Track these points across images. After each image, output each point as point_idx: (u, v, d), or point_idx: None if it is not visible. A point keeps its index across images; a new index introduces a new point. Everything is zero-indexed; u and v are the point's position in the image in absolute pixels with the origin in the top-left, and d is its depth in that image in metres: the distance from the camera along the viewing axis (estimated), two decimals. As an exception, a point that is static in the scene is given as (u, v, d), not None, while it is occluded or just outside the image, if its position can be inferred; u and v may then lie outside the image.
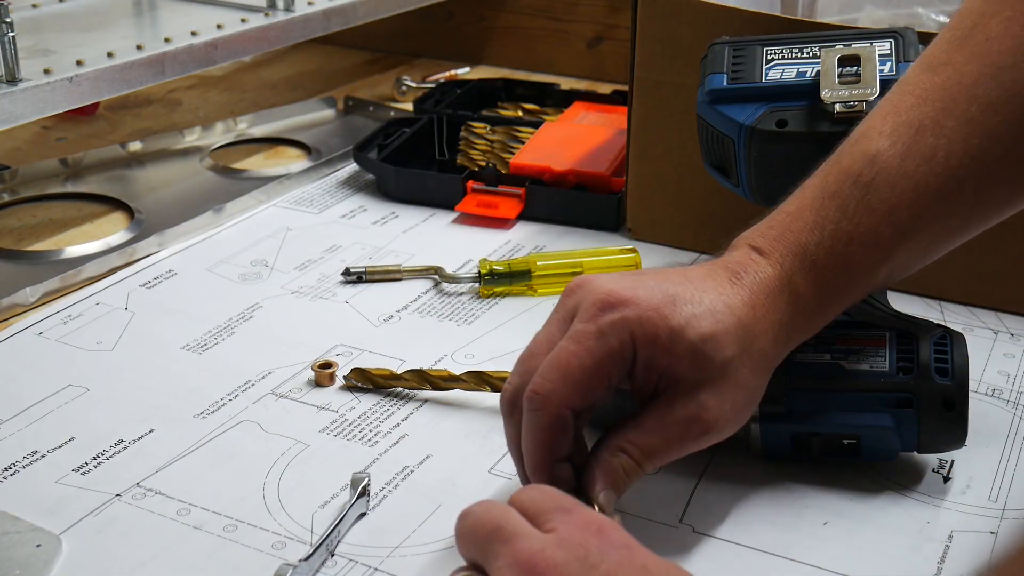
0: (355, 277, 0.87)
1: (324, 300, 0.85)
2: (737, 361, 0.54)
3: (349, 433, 0.68)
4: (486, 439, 0.68)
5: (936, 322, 0.64)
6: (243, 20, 1.03)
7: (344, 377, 0.73)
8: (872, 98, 0.66)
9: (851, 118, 0.65)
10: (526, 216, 0.98)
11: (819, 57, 0.70)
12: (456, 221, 0.98)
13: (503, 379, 0.71)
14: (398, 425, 0.69)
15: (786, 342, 0.57)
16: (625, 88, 0.95)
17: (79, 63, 0.89)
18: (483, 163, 1.04)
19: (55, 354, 0.77)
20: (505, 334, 0.80)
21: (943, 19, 0.95)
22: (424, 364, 0.75)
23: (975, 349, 0.70)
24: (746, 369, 0.55)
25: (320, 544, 0.57)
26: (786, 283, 0.56)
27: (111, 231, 0.95)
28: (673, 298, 0.54)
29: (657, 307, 0.53)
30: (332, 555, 0.58)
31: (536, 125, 1.09)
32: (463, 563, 0.49)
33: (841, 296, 0.58)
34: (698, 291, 0.55)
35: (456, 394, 0.72)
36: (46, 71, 0.86)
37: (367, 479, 0.61)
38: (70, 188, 1.04)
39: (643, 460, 0.54)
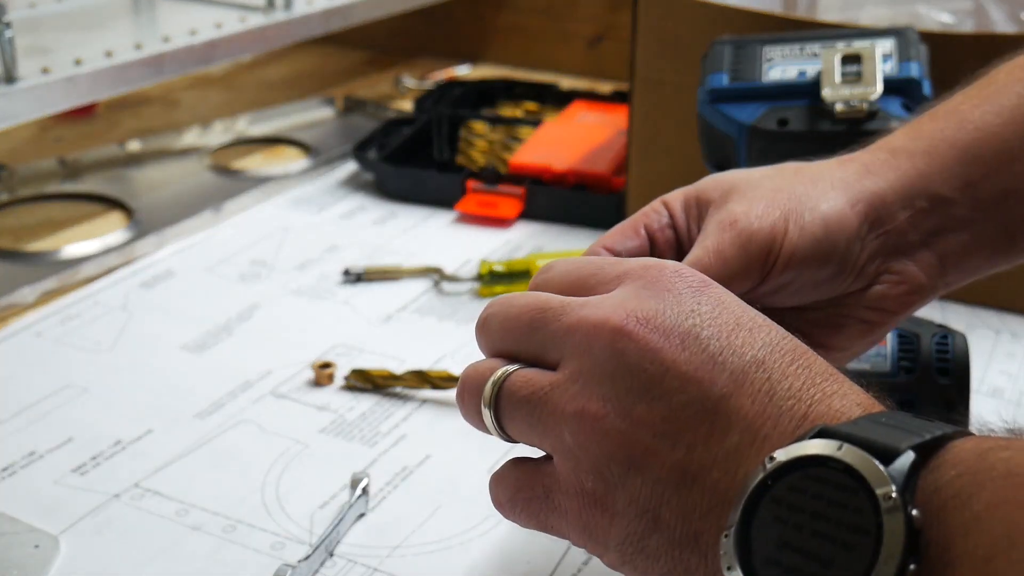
0: (354, 277, 0.87)
1: (323, 300, 0.85)
2: (773, 179, 0.51)
3: (349, 433, 0.68)
4: (486, 439, 0.67)
5: (937, 322, 0.64)
6: (242, 19, 1.03)
7: (344, 377, 0.73)
8: (873, 97, 0.66)
9: (852, 117, 0.65)
10: (526, 216, 0.98)
11: (820, 56, 0.70)
12: (456, 221, 0.98)
13: (503, 379, 0.71)
14: (397, 425, 0.69)
15: (861, 169, 0.51)
16: (625, 87, 0.94)
17: (77, 62, 0.89)
18: (483, 163, 1.04)
19: (53, 354, 0.76)
20: (505, 334, 0.79)
21: (944, 18, 0.95)
22: (424, 364, 0.75)
23: (976, 349, 0.70)
24: (786, 181, 0.50)
25: (319, 544, 0.57)
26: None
27: (109, 231, 0.95)
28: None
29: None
30: (331, 555, 0.58)
31: (536, 124, 1.08)
32: (463, 562, 0.48)
33: (932, 130, 0.52)
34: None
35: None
36: (44, 70, 0.86)
37: (367, 479, 0.61)
38: (68, 188, 1.04)
39: None
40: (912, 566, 0.32)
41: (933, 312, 0.80)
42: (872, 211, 0.50)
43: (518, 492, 0.43)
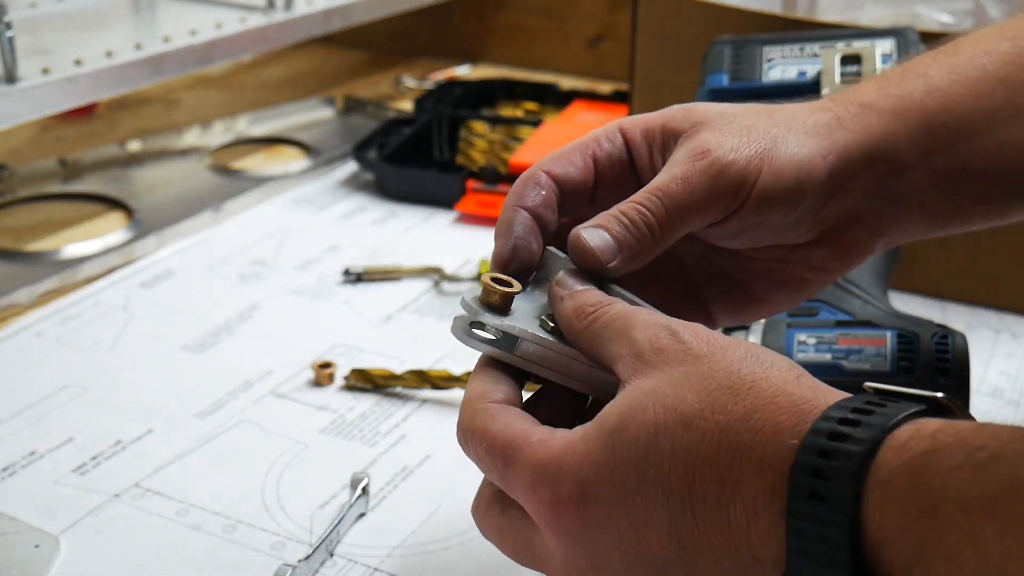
0: (354, 277, 0.87)
1: (323, 300, 0.85)
2: (746, 116, 0.49)
3: (349, 433, 0.68)
4: (486, 439, 0.68)
5: (937, 322, 0.64)
6: (242, 19, 1.03)
7: (344, 377, 0.73)
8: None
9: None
10: (526, 216, 0.97)
11: (820, 56, 0.70)
12: (456, 221, 0.98)
13: (503, 379, 0.71)
14: (397, 425, 0.69)
15: (833, 120, 0.50)
16: (625, 87, 0.94)
17: (78, 62, 0.89)
18: (483, 163, 1.04)
19: (53, 354, 0.76)
20: (505, 334, 0.79)
21: (944, 18, 0.95)
22: (424, 364, 0.75)
23: (976, 349, 0.70)
24: (759, 121, 0.49)
25: (319, 544, 0.57)
26: (827, 97, 0.52)
27: (110, 231, 0.95)
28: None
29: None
30: (331, 555, 0.58)
31: (536, 124, 1.08)
32: (463, 562, 0.49)
33: (902, 90, 0.51)
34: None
35: (456, 394, 0.72)
36: (45, 70, 0.86)
37: (367, 479, 0.61)
38: (69, 188, 1.04)
39: (648, 200, 0.47)
40: None
41: (933, 312, 0.80)
42: (839, 164, 0.49)
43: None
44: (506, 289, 0.45)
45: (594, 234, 0.46)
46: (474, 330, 0.45)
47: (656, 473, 0.39)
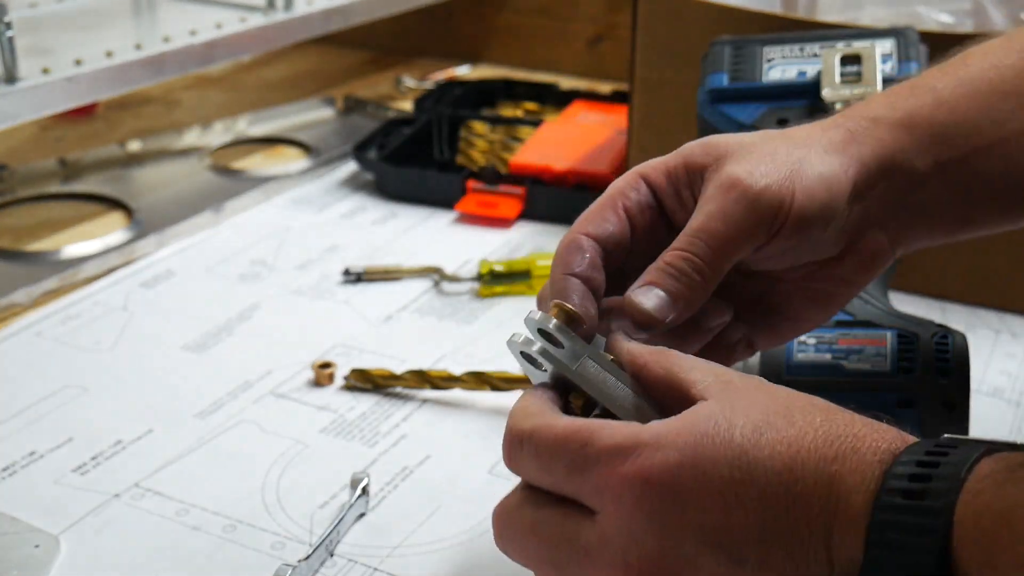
0: (354, 277, 0.87)
1: (324, 300, 0.85)
2: (770, 143, 0.50)
3: (349, 433, 0.68)
4: (486, 439, 0.68)
5: (937, 322, 0.64)
6: (242, 19, 1.03)
7: (344, 377, 0.73)
8: (873, 97, 0.66)
9: (852, 117, 0.65)
10: (526, 216, 0.98)
11: (820, 56, 0.70)
12: (456, 221, 0.98)
13: (503, 379, 0.71)
14: (398, 425, 0.69)
15: (847, 136, 0.51)
16: (625, 87, 0.94)
17: (78, 62, 0.89)
18: (483, 163, 1.04)
19: (53, 354, 0.76)
20: (505, 334, 0.79)
21: (944, 18, 0.95)
22: (424, 364, 0.75)
23: (976, 349, 0.70)
24: (784, 146, 0.50)
25: (319, 544, 0.57)
26: (839, 113, 0.53)
27: (110, 231, 0.95)
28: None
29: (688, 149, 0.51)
30: (331, 555, 0.58)
31: (536, 124, 1.08)
32: (463, 562, 0.48)
33: (913, 106, 0.52)
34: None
35: (456, 394, 0.72)
36: (45, 70, 0.86)
37: (367, 479, 0.61)
38: (69, 188, 1.03)
39: (690, 244, 0.47)
40: None
41: (933, 312, 0.80)
42: (859, 177, 0.50)
43: None
44: (573, 310, 0.46)
45: (648, 295, 0.47)
46: (540, 343, 0.46)
47: (758, 455, 0.40)
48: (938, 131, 0.52)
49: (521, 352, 0.47)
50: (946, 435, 0.40)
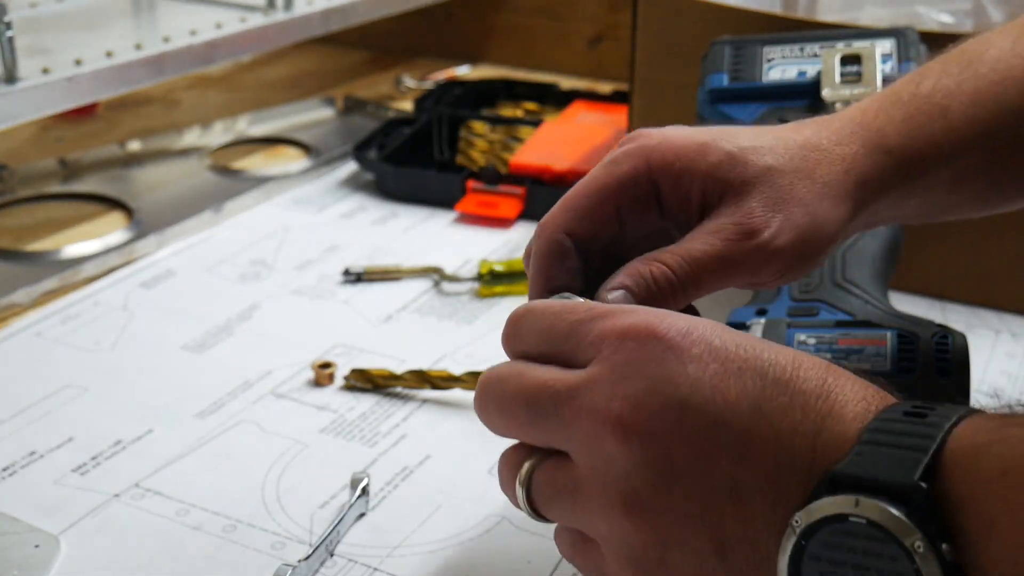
0: (354, 277, 0.87)
1: (323, 300, 0.85)
2: (790, 175, 0.49)
3: (349, 433, 0.68)
4: (486, 439, 0.67)
5: (937, 322, 0.64)
6: (242, 19, 1.03)
7: (344, 377, 0.73)
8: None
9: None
10: (526, 216, 0.98)
11: (820, 56, 0.70)
12: (456, 221, 0.98)
13: (503, 379, 0.71)
14: (398, 425, 0.69)
15: (862, 177, 0.51)
16: (625, 87, 0.94)
17: (78, 62, 0.89)
18: (483, 163, 1.04)
19: (53, 354, 0.76)
20: (505, 334, 0.79)
21: (944, 18, 0.95)
22: (424, 364, 0.75)
23: (976, 349, 0.70)
24: (804, 188, 0.49)
25: (319, 544, 0.57)
26: (859, 122, 0.52)
27: (110, 231, 0.95)
28: (707, 130, 0.50)
29: (684, 134, 0.50)
30: (331, 555, 0.58)
31: (536, 124, 1.08)
32: (463, 562, 0.48)
33: (929, 133, 0.52)
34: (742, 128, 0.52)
35: (456, 394, 0.72)
36: (45, 70, 0.86)
37: (367, 479, 0.61)
38: (69, 188, 1.04)
39: (679, 267, 0.47)
40: None
41: (933, 312, 0.80)
42: (857, 219, 0.51)
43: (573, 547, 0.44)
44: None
45: (618, 299, 0.46)
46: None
47: (764, 346, 0.40)
48: (944, 162, 0.52)
49: None
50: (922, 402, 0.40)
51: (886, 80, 0.66)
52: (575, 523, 0.43)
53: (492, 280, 0.85)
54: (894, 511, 0.34)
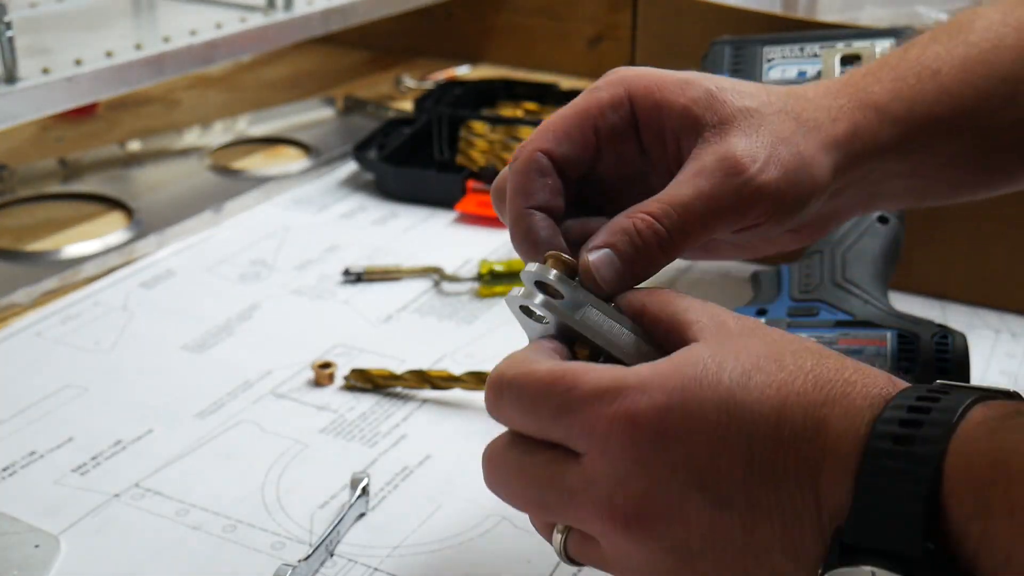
0: (354, 277, 0.87)
1: (323, 300, 0.85)
2: (773, 116, 0.47)
3: (349, 433, 0.68)
4: (486, 439, 0.67)
5: (937, 322, 0.64)
6: (242, 19, 1.03)
7: (344, 377, 0.73)
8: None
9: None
10: (526, 216, 0.97)
11: (820, 56, 0.70)
12: (456, 221, 0.98)
13: (503, 379, 0.71)
14: (398, 425, 0.69)
15: (852, 128, 0.49)
16: (625, 87, 0.94)
17: (78, 62, 0.89)
18: (483, 163, 1.04)
19: (53, 354, 0.76)
20: (505, 334, 0.79)
21: (944, 18, 0.95)
22: (424, 364, 0.75)
23: (976, 349, 0.70)
24: (788, 128, 0.47)
25: (319, 544, 0.57)
26: (844, 81, 0.51)
27: (110, 231, 0.95)
28: (692, 72, 0.49)
29: (668, 71, 0.48)
30: (331, 555, 0.58)
31: (536, 125, 1.08)
32: (463, 562, 0.48)
33: (919, 93, 0.51)
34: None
35: (456, 394, 0.72)
36: (45, 70, 0.86)
37: (367, 479, 0.61)
38: (69, 188, 1.03)
39: (666, 215, 0.45)
40: None
41: (933, 312, 0.80)
42: (849, 175, 0.50)
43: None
44: (569, 259, 0.45)
45: (602, 259, 0.45)
46: (542, 295, 0.44)
47: (746, 398, 0.39)
48: (936, 126, 0.51)
49: (520, 307, 0.45)
50: (939, 381, 0.39)
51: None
52: None
53: (492, 280, 0.85)
54: None
